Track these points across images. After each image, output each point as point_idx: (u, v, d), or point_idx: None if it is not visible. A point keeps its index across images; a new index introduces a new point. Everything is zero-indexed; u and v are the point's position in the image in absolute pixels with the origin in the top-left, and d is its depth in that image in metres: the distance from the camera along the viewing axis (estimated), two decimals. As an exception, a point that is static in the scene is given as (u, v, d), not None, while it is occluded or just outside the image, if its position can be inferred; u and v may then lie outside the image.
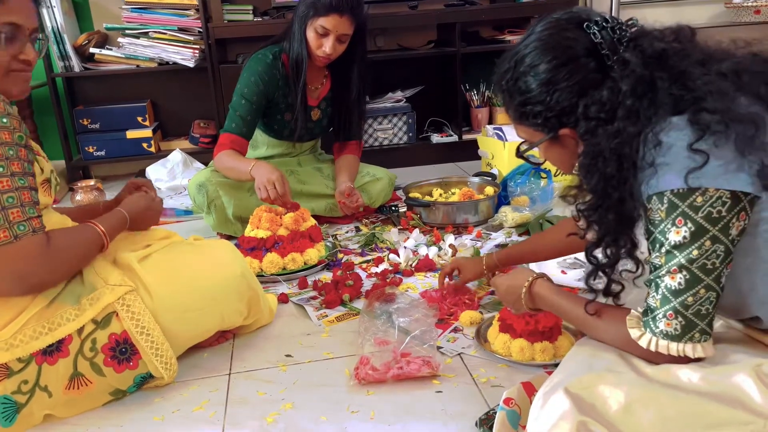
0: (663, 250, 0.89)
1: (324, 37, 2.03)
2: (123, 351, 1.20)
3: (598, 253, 0.99)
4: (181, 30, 2.90)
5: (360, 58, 2.19)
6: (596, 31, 0.94)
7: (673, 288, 0.88)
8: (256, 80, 2.10)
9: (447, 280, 1.60)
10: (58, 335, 1.15)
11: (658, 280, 0.90)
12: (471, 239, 2.02)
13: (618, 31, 0.94)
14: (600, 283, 1.00)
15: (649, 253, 0.92)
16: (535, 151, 1.07)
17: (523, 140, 1.07)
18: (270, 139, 2.30)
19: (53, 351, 1.15)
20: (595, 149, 0.92)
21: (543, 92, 0.96)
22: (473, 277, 1.58)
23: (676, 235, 0.87)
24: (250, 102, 2.10)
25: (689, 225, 0.86)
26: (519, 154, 1.08)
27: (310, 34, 2.04)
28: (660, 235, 0.88)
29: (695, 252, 0.86)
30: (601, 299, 1.02)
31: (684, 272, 0.87)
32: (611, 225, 0.94)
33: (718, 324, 1.03)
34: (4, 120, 1.06)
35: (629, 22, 0.96)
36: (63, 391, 1.17)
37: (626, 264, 0.97)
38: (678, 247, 0.87)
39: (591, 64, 0.93)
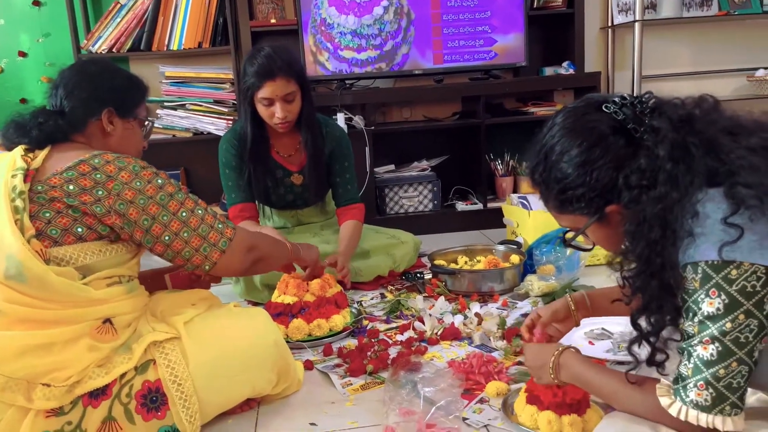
0: (696, 319, 0.89)
1: (271, 106, 2.04)
2: (153, 399, 1.22)
3: (643, 321, 0.98)
4: (217, 102, 3.04)
5: (307, 112, 2.13)
6: (616, 110, 0.97)
7: (705, 359, 0.88)
8: (227, 148, 2.20)
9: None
10: (111, 377, 1.18)
11: (690, 348, 0.90)
12: (497, 308, 2.01)
13: (638, 105, 0.97)
14: (643, 351, 0.99)
15: (683, 321, 0.92)
16: (581, 237, 1.06)
17: (568, 230, 1.07)
18: (270, 210, 2.36)
19: (99, 394, 1.17)
20: (641, 215, 0.93)
21: (581, 174, 0.97)
22: (553, 316, 1.31)
23: (709, 306, 0.87)
24: (233, 168, 2.19)
25: (723, 297, 0.86)
26: (567, 243, 1.08)
27: (260, 109, 2.07)
28: (693, 304, 0.89)
29: (728, 325, 0.86)
30: (644, 368, 1.00)
31: (716, 344, 0.87)
32: (655, 291, 0.94)
33: (754, 398, 1.01)
34: (173, 181, 1.30)
35: (645, 96, 0.99)
36: None
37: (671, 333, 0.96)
38: (711, 318, 0.87)
39: (620, 140, 0.96)
